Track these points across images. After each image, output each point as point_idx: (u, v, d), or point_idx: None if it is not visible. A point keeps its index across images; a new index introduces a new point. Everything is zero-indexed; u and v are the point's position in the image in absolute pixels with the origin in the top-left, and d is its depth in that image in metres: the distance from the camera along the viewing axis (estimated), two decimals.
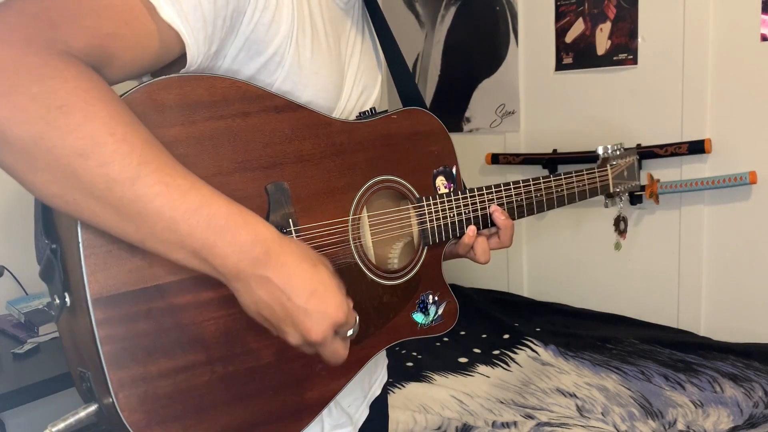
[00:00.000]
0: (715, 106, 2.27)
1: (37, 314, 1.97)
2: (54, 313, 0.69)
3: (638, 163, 1.16)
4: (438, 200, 0.90)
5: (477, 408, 1.94)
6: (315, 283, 0.61)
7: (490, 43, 2.83)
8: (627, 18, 2.41)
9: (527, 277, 2.88)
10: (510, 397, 1.99)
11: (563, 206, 1.05)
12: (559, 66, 2.62)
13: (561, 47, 2.61)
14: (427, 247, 0.90)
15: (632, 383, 2.00)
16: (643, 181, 2.43)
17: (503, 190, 0.97)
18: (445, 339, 2.42)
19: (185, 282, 0.66)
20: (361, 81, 0.88)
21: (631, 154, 1.17)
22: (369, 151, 0.83)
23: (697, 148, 2.28)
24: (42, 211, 0.67)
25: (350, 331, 0.65)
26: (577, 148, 2.52)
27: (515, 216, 0.98)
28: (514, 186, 0.98)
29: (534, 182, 1.00)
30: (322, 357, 0.65)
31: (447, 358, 2.26)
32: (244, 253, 0.59)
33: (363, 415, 0.98)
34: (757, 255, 2.26)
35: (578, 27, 2.55)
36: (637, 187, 1.16)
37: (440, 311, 0.92)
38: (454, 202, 0.92)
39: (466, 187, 0.95)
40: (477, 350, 2.33)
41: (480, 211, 0.94)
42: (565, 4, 2.57)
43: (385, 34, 0.95)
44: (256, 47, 0.71)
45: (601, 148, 1.13)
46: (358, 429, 0.95)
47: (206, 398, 0.68)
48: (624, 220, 1.54)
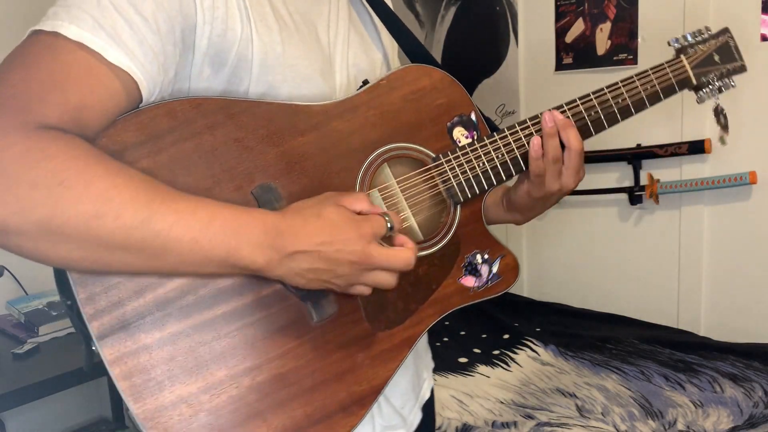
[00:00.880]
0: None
1: (37, 314, 1.97)
2: (87, 366, 0.70)
3: (733, 41, 0.98)
4: (458, 152, 0.83)
5: (477, 408, 1.94)
6: (327, 227, 0.65)
7: (490, 43, 2.83)
8: (627, 18, 2.41)
9: (527, 277, 2.88)
10: (510, 397, 1.99)
11: (631, 117, 0.90)
12: (559, 66, 2.62)
13: (561, 47, 2.61)
14: (460, 206, 0.83)
15: (632, 383, 2.00)
16: (643, 181, 2.44)
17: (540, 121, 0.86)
18: (445, 339, 2.42)
19: (190, 305, 0.66)
20: (355, 61, 0.86)
21: (723, 34, 0.99)
22: (363, 126, 0.78)
23: (697, 148, 2.28)
24: (55, 271, 0.68)
25: (388, 225, 0.69)
26: None
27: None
28: (560, 110, 0.87)
29: (583, 101, 0.87)
30: (393, 268, 0.68)
31: (447, 358, 2.26)
32: (265, 245, 0.63)
33: (417, 418, 0.97)
34: (757, 255, 2.26)
35: (578, 27, 2.55)
36: (740, 67, 0.98)
37: (495, 269, 0.86)
38: (481, 150, 0.83)
39: (496, 128, 0.86)
40: (477, 350, 2.33)
41: (519, 150, 0.84)
42: (565, 4, 2.57)
43: (377, 5, 0.91)
44: (218, 59, 0.71)
45: (672, 39, 0.96)
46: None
47: (238, 413, 0.67)
48: (722, 112, 1.29)
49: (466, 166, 0.83)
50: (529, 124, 0.85)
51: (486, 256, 0.85)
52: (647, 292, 2.51)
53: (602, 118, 0.88)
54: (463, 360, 2.25)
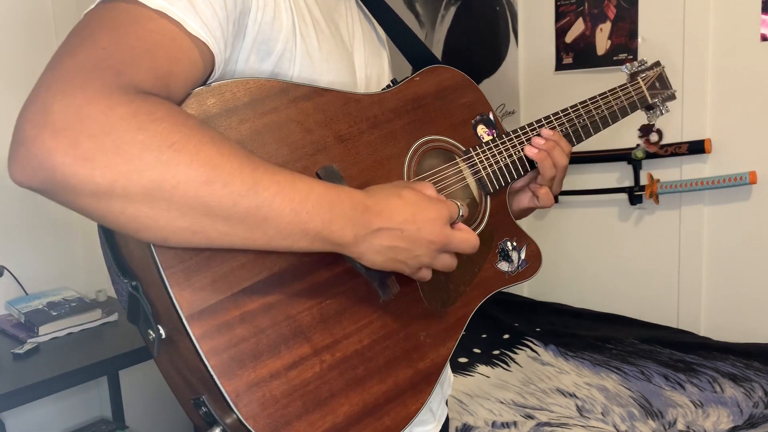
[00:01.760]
0: (715, 106, 2.27)
1: (37, 314, 1.97)
2: (153, 352, 0.69)
3: (664, 72, 1.16)
4: (485, 147, 0.90)
5: (477, 408, 1.94)
6: (409, 207, 0.68)
7: (490, 43, 2.83)
8: (627, 18, 2.41)
9: None
10: (510, 397, 1.99)
11: (602, 129, 1.05)
12: (559, 66, 2.62)
13: (561, 47, 2.61)
14: (489, 196, 0.90)
15: (632, 383, 2.00)
16: (643, 181, 2.44)
17: (552, 121, 0.98)
18: None
19: (269, 280, 0.67)
20: (369, 60, 0.90)
21: (656, 66, 1.16)
22: (404, 117, 0.83)
23: (697, 148, 2.28)
24: (112, 255, 0.68)
25: (460, 212, 0.73)
26: (577, 148, 2.52)
27: (574, 142, 1.00)
28: (555, 118, 0.98)
29: (573, 110, 1.00)
30: (464, 249, 0.73)
31: None
32: (354, 219, 0.65)
33: (444, 413, 1.00)
34: (757, 255, 2.26)
35: (578, 27, 2.55)
36: (673, 95, 1.15)
37: (523, 255, 0.93)
38: (501, 146, 0.92)
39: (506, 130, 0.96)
40: (477, 350, 2.33)
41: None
42: (565, 4, 2.57)
43: (378, 7, 0.94)
44: (264, 47, 0.72)
45: (624, 66, 1.14)
46: (440, 427, 0.97)
47: (322, 389, 0.68)
48: (658, 132, 1.46)
49: (492, 159, 0.91)
50: (536, 126, 0.95)
51: (515, 244, 0.93)
52: (647, 292, 2.51)
53: (588, 125, 1.02)
54: (463, 360, 2.25)
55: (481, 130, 0.92)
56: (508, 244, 0.92)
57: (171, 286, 0.61)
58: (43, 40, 2.14)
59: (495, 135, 0.92)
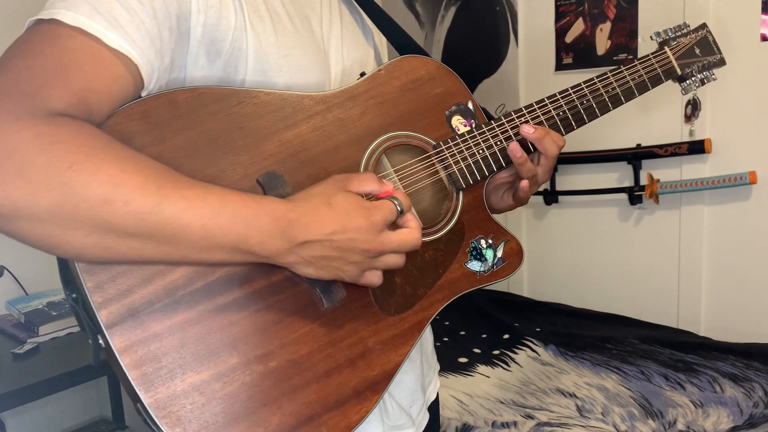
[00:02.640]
0: (715, 106, 2.27)
1: (37, 314, 1.97)
2: (92, 360, 0.69)
3: (711, 36, 1.01)
4: (459, 140, 0.85)
5: (477, 408, 1.94)
6: (339, 216, 0.66)
7: (490, 43, 2.83)
8: (627, 18, 2.41)
9: (527, 277, 2.88)
10: (510, 397, 1.99)
11: (621, 105, 0.93)
12: (559, 66, 2.62)
13: (561, 47, 2.61)
14: (462, 192, 0.85)
15: (632, 383, 2.00)
16: (643, 181, 2.44)
17: (538, 108, 0.89)
18: (445, 339, 2.42)
19: (202, 290, 0.66)
20: (348, 54, 0.87)
21: (701, 29, 1.02)
22: (363, 114, 0.79)
23: (697, 148, 2.28)
24: (59, 264, 0.68)
25: (398, 210, 0.69)
26: (577, 149, 2.52)
27: (563, 131, 0.90)
28: (551, 101, 0.89)
29: (575, 90, 0.91)
30: (403, 250, 0.69)
31: (447, 358, 2.26)
32: (274, 234, 0.63)
33: (425, 419, 0.97)
34: (757, 255, 2.26)
35: (578, 27, 2.55)
36: (719, 60, 1.01)
37: (500, 253, 0.87)
38: (479, 137, 0.86)
39: (492, 117, 0.88)
40: (477, 350, 2.33)
41: (516, 138, 0.87)
42: (565, 4, 2.57)
43: (366, 4, 0.92)
44: (213, 48, 0.71)
45: (655, 33, 1.00)
46: None
47: (252, 400, 0.67)
48: (696, 103, 1.32)
49: (466, 152, 0.85)
50: (525, 111, 0.88)
51: (490, 241, 0.86)
52: (647, 292, 2.51)
53: (594, 106, 0.91)
54: (463, 360, 2.25)
55: (457, 121, 0.86)
56: (482, 242, 0.86)
57: (92, 298, 0.62)
58: None
59: (473, 126, 0.86)
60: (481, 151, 0.85)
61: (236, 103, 0.70)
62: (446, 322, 2.55)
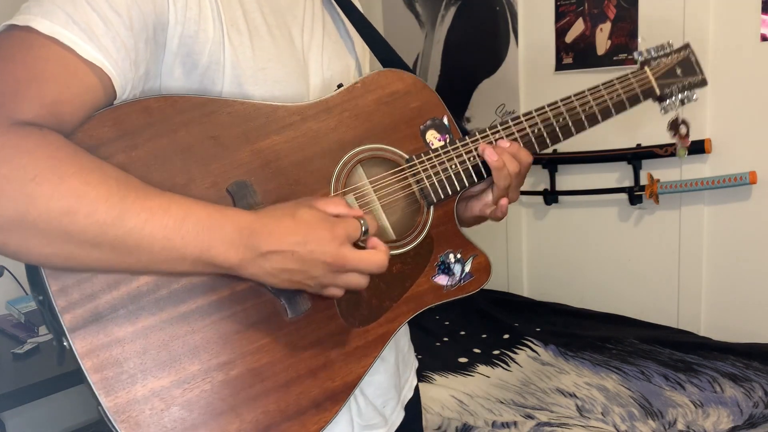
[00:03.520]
0: (715, 106, 2.27)
1: (37, 314, 1.97)
2: (57, 360, 0.69)
3: (694, 56, 1.01)
4: (432, 154, 0.85)
5: (477, 408, 1.94)
6: (301, 228, 0.66)
7: (490, 43, 2.83)
8: (627, 18, 2.41)
9: (527, 277, 2.88)
10: (510, 397, 1.99)
11: (597, 125, 0.93)
12: (559, 66, 2.62)
13: (561, 47, 2.61)
14: (433, 207, 0.85)
15: (632, 383, 2.00)
16: (643, 181, 2.44)
17: (513, 125, 0.89)
18: (445, 339, 2.42)
19: (166, 297, 0.66)
20: (329, 65, 0.86)
21: (683, 49, 1.03)
22: (337, 127, 0.79)
23: (697, 148, 2.28)
24: (27, 267, 0.68)
25: (363, 229, 0.70)
26: (577, 149, 2.52)
27: (536, 149, 0.90)
28: (527, 118, 0.90)
29: (551, 107, 0.91)
30: (365, 269, 0.69)
31: (447, 358, 2.26)
32: (238, 244, 0.63)
33: (399, 417, 0.97)
34: (757, 255, 2.26)
35: (578, 27, 2.55)
36: (701, 81, 1.01)
37: (467, 268, 0.87)
38: (453, 152, 0.85)
39: (467, 132, 0.88)
40: (477, 350, 2.33)
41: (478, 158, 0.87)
42: (565, 4, 2.57)
43: (349, 11, 0.92)
44: (189, 60, 0.70)
45: (637, 53, 1.01)
46: None
47: (211, 408, 0.67)
48: (684, 122, 1.33)
49: (439, 167, 0.85)
50: (500, 127, 0.88)
51: (459, 256, 0.87)
52: (647, 292, 2.51)
53: (570, 124, 0.92)
54: (463, 360, 2.25)
55: (431, 136, 0.86)
56: (451, 256, 0.86)
57: (56, 302, 0.62)
58: None
59: (447, 141, 0.86)
60: (453, 166, 0.85)
61: (209, 112, 0.70)
62: (446, 322, 2.55)
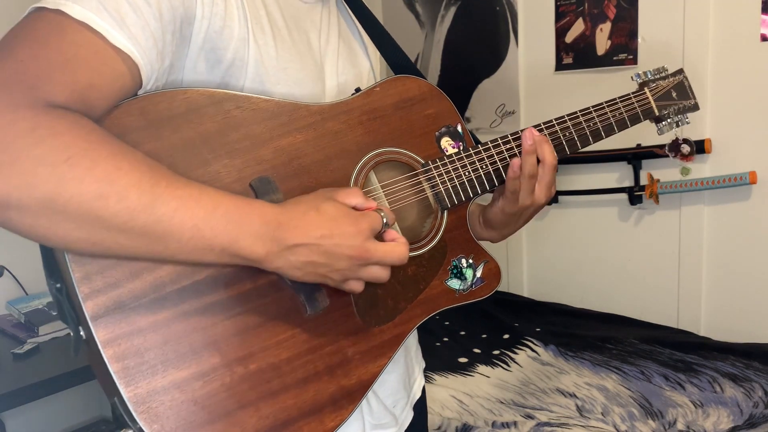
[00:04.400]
0: (715, 106, 2.27)
1: (37, 314, 1.97)
2: (72, 351, 0.70)
3: (687, 81, 1.06)
4: (447, 161, 0.87)
5: (477, 408, 1.94)
6: (326, 221, 0.67)
7: (490, 43, 2.83)
8: (627, 18, 2.41)
9: (527, 277, 2.88)
10: (510, 397, 1.99)
11: (601, 140, 0.97)
12: (559, 66, 2.62)
13: (561, 47, 2.61)
14: (447, 212, 0.87)
15: (632, 383, 2.00)
16: (643, 181, 2.44)
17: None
18: (445, 339, 2.42)
19: (188, 288, 0.66)
20: (344, 70, 0.88)
21: (678, 74, 1.08)
22: (357, 129, 0.81)
23: (697, 148, 2.28)
24: (44, 254, 0.68)
25: (384, 221, 0.71)
26: None
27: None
28: (536, 130, 0.91)
29: (559, 122, 0.94)
30: (388, 262, 0.70)
31: (447, 358, 2.26)
32: (265, 237, 0.63)
33: (408, 417, 0.98)
34: (757, 255, 2.26)
35: (578, 27, 2.55)
36: (694, 106, 1.06)
37: (479, 273, 0.89)
38: (466, 159, 0.88)
39: (479, 141, 0.91)
40: (477, 350, 2.33)
41: (501, 163, 0.90)
42: (565, 4, 2.57)
43: (364, 17, 0.93)
44: (213, 56, 0.71)
45: (636, 75, 1.05)
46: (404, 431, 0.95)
47: (230, 401, 0.67)
48: (686, 142, 1.32)
49: (453, 173, 0.87)
50: (510, 138, 0.91)
51: (470, 261, 0.89)
52: (647, 292, 2.51)
53: (575, 139, 0.94)
54: (463, 360, 2.25)
55: (446, 143, 0.88)
56: (463, 261, 0.88)
57: (79, 289, 0.62)
58: None
59: (461, 148, 0.89)
60: (467, 173, 0.88)
61: (234, 107, 0.71)
62: (446, 322, 2.55)
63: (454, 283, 0.87)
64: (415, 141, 0.86)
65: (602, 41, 2.49)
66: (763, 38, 2.14)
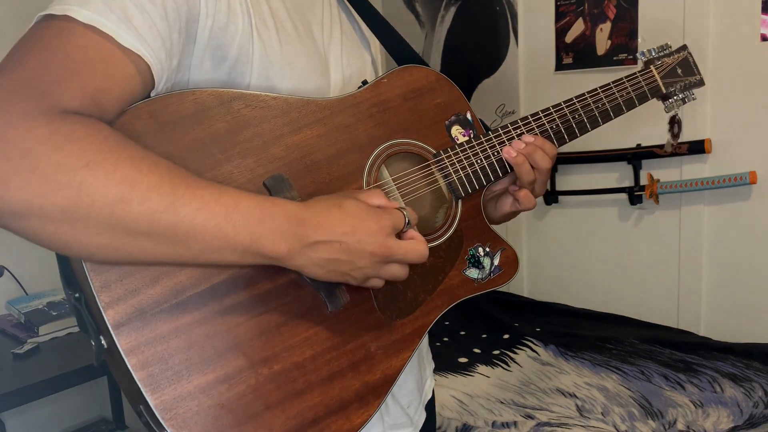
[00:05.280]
0: (715, 106, 2.27)
1: (37, 314, 1.97)
2: (95, 361, 0.69)
3: (692, 57, 1.06)
4: (458, 149, 0.86)
5: (477, 408, 1.94)
6: (349, 218, 0.66)
7: (490, 43, 2.83)
8: (627, 18, 2.41)
9: (527, 277, 2.88)
10: (510, 397, 1.99)
11: (610, 121, 0.97)
12: (559, 66, 2.62)
13: (561, 47, 2.61)
14: (461, 201, 0.87)
15: (632, 383, 2.00)
16: (643, 181, 2.44)
17: (533, 121, 0.91)
18: (445, 339, 2.42)
19: (208, 292, 0.66)
20: (348, 63, 0.88)
21: (682, 50, 1.08)
22: (367, 121, 0.80)
23: (697, 148, 2.28)
24: (60, 264, 0.68)
25: (406, 220, 0.71)
26: (577, 149, 2.52)
27: (556, 144, 0.93)
28: (545, 114, 0.92)
29: (567, 104, 0.94)
30: (409, 260, 0.70)
31: (447, 358, 2.26)
32: (287, 233, 0.63)
33: (422, 418, 0.98)
34: (757, 255, 2.26)
35: (578, 27, 2.55)
36: (699, 81, 1.05)
37: (496, 261, 0.88)
38: (477, 147, 0.87)
39: (489, 128, 0.91)
40: (477, 350, 2.33)
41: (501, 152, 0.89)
42: (565, 4, 2.57)
43: (365, 9, 0.93)
44: (219, 53, 0.71)
45: (640, 53, 1.05)
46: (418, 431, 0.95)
47: (256, 403, 0.67)
48: (678, 123, 1.36)
49: (465, 162, 0.87)
50: (521, 124, 0.90)
51: (487, 249, 0.88)
52: (647, 292, 2.51)
53: (585, 120, 0.95)
54: (463, 360, 2.25)
55: (456, 131, 0.88)
56: (480, 249, 0.87)
57: (100, 298, 0.61)
58: None
59: (472, 136, 0.88)
60: (479, 161, 0.87)
61: (243, 106, 0.71)
62: (446, 322, 2.55)
63: (473, 273, 0.86)
64: (425, 131, 0.85)
65: (602, 41, 2.49)
66: (763, 38, 2.14)
